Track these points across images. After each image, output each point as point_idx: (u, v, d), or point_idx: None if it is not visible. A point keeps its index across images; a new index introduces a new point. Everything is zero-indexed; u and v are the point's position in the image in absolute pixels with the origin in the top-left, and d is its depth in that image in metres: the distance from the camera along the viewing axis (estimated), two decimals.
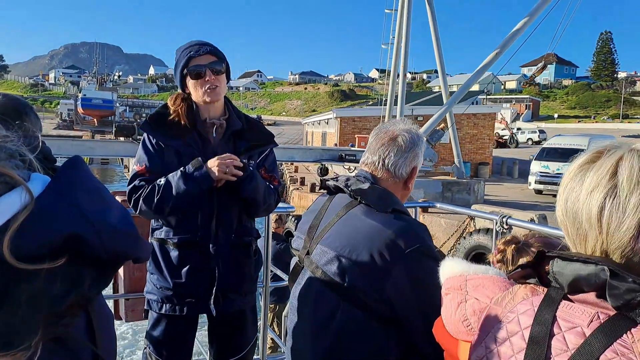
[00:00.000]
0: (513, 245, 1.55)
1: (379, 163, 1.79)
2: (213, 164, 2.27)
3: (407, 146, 1.79)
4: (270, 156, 2.59)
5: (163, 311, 2.44)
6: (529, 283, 1.04)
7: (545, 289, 0.98)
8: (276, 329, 6.48)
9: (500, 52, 15.02)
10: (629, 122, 73.15)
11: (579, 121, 78.93)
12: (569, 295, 0.94)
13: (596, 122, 78.42)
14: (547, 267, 1.00)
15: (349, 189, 1.75)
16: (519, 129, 56.81)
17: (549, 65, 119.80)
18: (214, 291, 2.40)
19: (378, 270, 1.56)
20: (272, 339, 5.31)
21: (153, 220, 2.50)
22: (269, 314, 6.07)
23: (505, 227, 2.89)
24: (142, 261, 0.86)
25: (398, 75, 16.75)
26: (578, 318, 0.90)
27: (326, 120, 29.02)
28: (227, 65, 2.45)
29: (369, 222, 1.64)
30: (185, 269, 2.39)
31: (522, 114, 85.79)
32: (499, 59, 14.90)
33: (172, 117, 2.42)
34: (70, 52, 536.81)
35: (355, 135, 23.74)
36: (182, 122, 2.40)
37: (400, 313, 1.57)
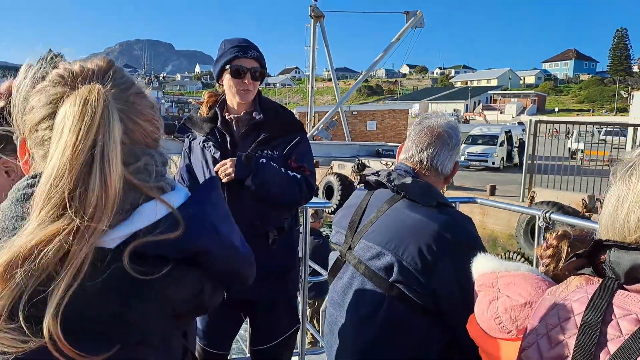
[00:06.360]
0: (566, 240, 1.43)
1: (427, 162, 1.80)
2: None
3: (453, 144, 1.83)
4: (300, 146, 2.57)
5: None
6: (584, 274, 1.03)
7: (600, 280, 0.97)
8: (316, 325, 6.52)
9: (366, 74, 24.89)
10: (621, 115, 79.02)
11: (577, 114, 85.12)
12: (625, 286, 0.93)
13: (593, 115, 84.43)
14: (603, 257, 0.98)
15: (392, 184, 1.75)
16: (520, 122, 63.90)
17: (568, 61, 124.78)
18: None
19: (425, 264, 1.57)
20: (312, 334, 5.52)
21: None
22: (309, 309, 6.37)
23: (549, 222, 2.85)
24: (248, 283, 0.94)
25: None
26: (634, 306, 0.88)
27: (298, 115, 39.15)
28: (265, 72, 2.52)
29: (415, 217, 1.65)
30: None
31: (527, 107, 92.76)
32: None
33: (201, 114, 2.59)
34: (124, 49, 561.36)
35: None
36: (208, 119, 2.55)
37: (445, 306, 1.58)
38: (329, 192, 18.16)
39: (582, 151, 30.74)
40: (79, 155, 0.77)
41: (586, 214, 12.30)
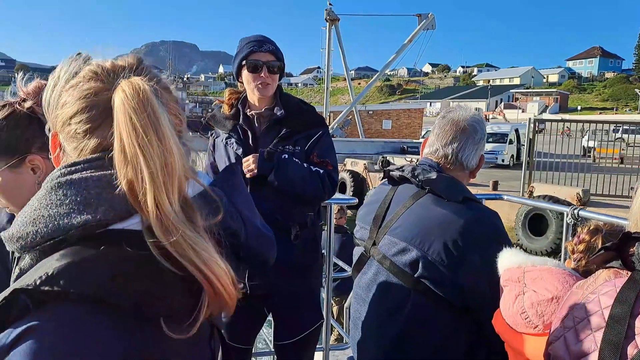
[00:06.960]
0: (600, 234, 1.40)
1: (452, 157, 1.79)
2: None
3: (478, 137, 1.80)
4: (322, 141, 2.59)
5: None
6: (612, 267, 1.01)
7: (629, 273, 0.96)
8: (343, 322, 6.26)
9: (379, 75, 25.78)
10: None
11: (600, 113, 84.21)
12: None
13: (615, 113, 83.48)
14: (631, 250, 0.97)
15: (417, 179, 1.73)
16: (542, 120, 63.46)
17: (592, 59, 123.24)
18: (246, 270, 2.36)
19: (452, 259, 1.56)
20: (337, 331, 5.59)
21: None
22: (335, 307, 6.67)
23: (577, 218, 2.85)
24: (269, 264, 0.98)
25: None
26: None
27: None
28: (282, 66, 2.55)
29: (441, 212, 1.64)
30: None
31: (549, 106, 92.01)
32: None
33: (223, 112, 2.63)
34: (150, 50, 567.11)
35: None
36: (230, 116, 2.59)
37: (472, 301, 1.58)
38: (341, 188, 18.74)
39: (594, 149, 31.03)
40: (169, 143, 0.79)
41: (580, 206, 13.00)
